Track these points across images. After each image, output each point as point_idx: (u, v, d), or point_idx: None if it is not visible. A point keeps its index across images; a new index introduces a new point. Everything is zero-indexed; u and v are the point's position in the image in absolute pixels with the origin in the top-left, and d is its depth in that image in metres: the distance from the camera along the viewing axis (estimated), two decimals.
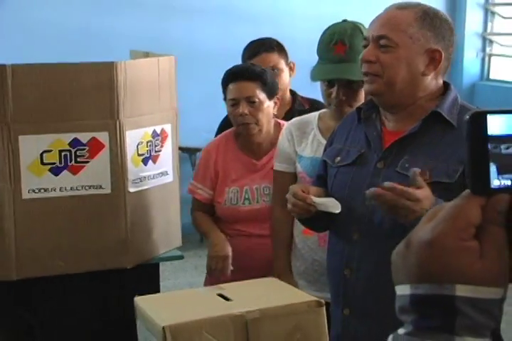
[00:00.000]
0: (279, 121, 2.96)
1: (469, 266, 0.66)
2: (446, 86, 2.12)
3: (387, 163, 2.06)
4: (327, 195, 2.17)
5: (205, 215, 3.00)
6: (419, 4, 2.08)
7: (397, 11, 2.04)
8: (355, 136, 2.19)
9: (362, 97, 2.50)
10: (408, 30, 2.00)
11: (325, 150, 2.32)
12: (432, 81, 2.07)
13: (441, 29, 2.04)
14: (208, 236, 2.93)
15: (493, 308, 0.67)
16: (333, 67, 2.49)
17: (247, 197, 2.84)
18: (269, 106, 2.82)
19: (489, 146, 0.67)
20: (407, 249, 0.69)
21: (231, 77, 2.83)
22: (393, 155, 2.06)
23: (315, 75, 2.57)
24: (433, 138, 2.04)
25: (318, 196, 2.12)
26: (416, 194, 1.81)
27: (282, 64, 3.30)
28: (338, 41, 2.49)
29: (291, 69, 3.37)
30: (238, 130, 2.86)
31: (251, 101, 2.78)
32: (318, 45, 2.58)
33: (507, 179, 0.67)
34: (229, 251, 2.78)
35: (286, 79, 3.32)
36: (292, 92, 3.36)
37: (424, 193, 1.84)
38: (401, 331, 0.70)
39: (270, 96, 2.82)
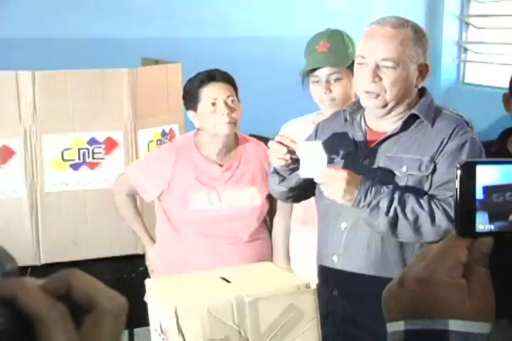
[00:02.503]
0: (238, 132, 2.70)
1: (460, 302, 0.65)
2: (422, 90, 2.13)
3: (372, 161, 2.08)
4: None
5: (139, 211, 2.75)
6: (407, 21, 2.05)
7: (393, 30, 2.00)
8: (341, 136, 2.18)
9: (347, 90, 2.47)
10: (406, 50, 2.00)
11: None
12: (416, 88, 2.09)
13: (425, 43, 2.06)
14: (146, 245, 2.74)
15: None
16: (317, 60, 2.51)
17: (212, 201, 2.58)
18: (240, 109, 2.59)
19: (481, 194, 0.67)
20: (400, 287, 0.67)
21: (207, 79, 2.57)
22: (377, 154, 2.08)
23: (301, 70, 2.57)
24: (411, 137, 2.06)
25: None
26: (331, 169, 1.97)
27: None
28: (321, 41, 2.52)
29: None
30: (214, 131, 2.55)
31: (230, 101, 2.54)
32: (305, 49, 2.59)
33: (492, 224, 0.67)
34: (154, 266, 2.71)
35: None
36: None
37: (340, 170, 1.97)
38: None
39: (238, 101, 2.60)
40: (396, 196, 1.97)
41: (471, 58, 6.52)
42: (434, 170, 2.01)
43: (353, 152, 2.12)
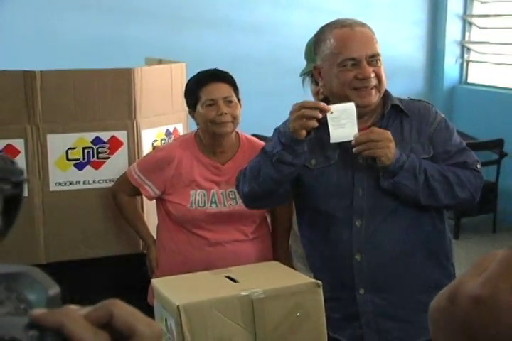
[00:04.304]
0: (238, 130, 2.68)
1: None
2: None
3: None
4: None
5: (140, 211, 2.80)
6: (360, 21, 2.15)
7: (364, 28, 2.09)
8: (320, 139, 2.08)
9: None
10: (377, 45, 2.10)
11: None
12: None
13: None
14: (149, 246, 2.74)
15: None
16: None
17: (213, 200, 2.59)
18: (239, 109, 2.59)
19: None
20: (452, 304, 0.54)
21: (206, 79, 2.57)
22: None
23: (301, 72, 2.58)
24: (396, 127, 2.10)
25: None
26: (379, 130, 2.01)
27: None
28: None
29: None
30: (213, 130, 2.55)
31: (228, 101, 2.54)
32: (305, 50, 2.59)
33: None
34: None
35: None
36: None
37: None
38: None
39: (238, 101, 2.59)
40: (420, 160, 2.05)
41: (473, 58, 6.52)
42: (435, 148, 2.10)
43: (343, 153, 2.09)
